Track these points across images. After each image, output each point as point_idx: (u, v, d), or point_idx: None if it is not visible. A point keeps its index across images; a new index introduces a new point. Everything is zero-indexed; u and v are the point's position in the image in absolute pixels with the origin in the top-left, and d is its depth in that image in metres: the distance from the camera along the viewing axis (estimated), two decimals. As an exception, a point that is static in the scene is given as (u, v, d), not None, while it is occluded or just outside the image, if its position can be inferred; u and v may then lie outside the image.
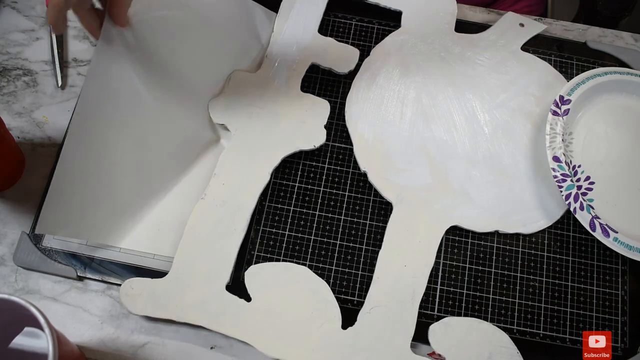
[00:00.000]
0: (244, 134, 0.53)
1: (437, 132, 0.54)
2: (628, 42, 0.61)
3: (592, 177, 0.53)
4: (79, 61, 0.58)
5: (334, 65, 0.57)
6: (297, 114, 0.54)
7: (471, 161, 0.53)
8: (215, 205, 0.50)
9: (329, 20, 0.60)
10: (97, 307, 0.49)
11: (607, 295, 0.51)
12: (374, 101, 0.55)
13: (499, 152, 0.54)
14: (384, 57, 0.57)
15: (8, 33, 0.59)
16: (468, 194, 0.52)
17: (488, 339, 0.47)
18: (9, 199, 0.52)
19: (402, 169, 0.53)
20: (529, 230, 0.51)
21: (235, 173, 0.51)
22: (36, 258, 0.49)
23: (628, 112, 0.56)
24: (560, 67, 0.59)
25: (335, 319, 0.47)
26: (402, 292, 0.48)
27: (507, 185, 0.53)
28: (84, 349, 0.47)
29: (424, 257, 0.49)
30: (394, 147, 0.53)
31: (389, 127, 0.54)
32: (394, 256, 0.49)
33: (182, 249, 0.48)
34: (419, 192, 0.52)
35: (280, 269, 0.49)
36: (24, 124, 0.55)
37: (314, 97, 0.55)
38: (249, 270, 0.48)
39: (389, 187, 0.52)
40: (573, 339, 0.49)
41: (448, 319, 0.48)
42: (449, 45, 0.58)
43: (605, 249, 0.52)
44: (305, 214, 0.52)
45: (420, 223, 0.51)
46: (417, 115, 0.55)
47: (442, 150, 0.54)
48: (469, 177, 0.53)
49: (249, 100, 0.54)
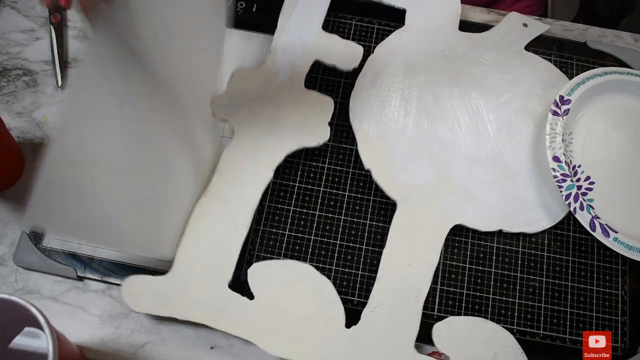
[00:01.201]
0: (246, 130, 0.52)
1: (441, 131, 0.54)
2: (628, 42, 0.61)
3: (592, 177, 0.53)
4: (79, 61, 0.58)
5: (338, 62, 0.56)
6: (301, 111, 0.53)
7: (475, 160, 0.53)
8: (217, 202, 0.50)
9: (329, 20, 0.60)
10: (97, 307, 0.49)
11: (607, 295, 0.51)
12: (378, 99, 0.55)
13: (503, 151, 0.54)
14: (388, 55, 0.57)
15: (8, 33, 0.59)
16: (472, 192, 0.52)
17: (493, 338, 0.47)
18: (9, 199, 0.52)
19: (405, 167, 0.53)
20: (533, 229, 0.51)
21: (238, 169, 0.51)
22: (36, 258, 0.49)
23: (628, 112, 0.56)
24: (561, 67, 0.59)
25: (339, 318, 0.47)
26: (406, 290, 0.48)
27: (511, 184, 0.53)
28: (84, 349, 0.47)
29: (428, 256, 0.49)
30: (398, 145, 0.53)
31: (393, 125, 0.54)
32: (398, 255, 0.49)
33: (184, 247, 0.48)
34: (423, 190, 0.52)
35: (283, 266, 0.48)
36: (24, 124, 0.55)
37: (318, 93, 0.54)
38: (252, 268, 0.48)
39: (393, 185, 0.52)
40: (573, 339, 0.49)
41: (452, 318, 0.48)
42: (453, 44, 0.58)
43: (605, 249, 0.52)
44: (306, 214, 0.52)
45: (425, 222, 0.50)
46: (421, 114, 0.55)
47: (445, 148, 0.54)
48: (473, 176, 0.53)
49: (252, 96, 0.54)
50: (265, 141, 0.52)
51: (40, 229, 0.49)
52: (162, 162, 0.50)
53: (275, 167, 0.51)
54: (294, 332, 0.46)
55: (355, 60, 0.56)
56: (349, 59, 0.56)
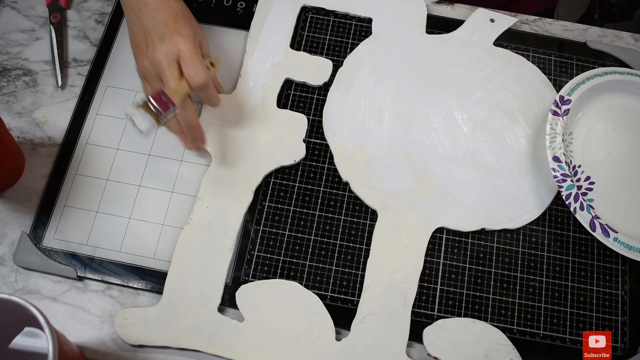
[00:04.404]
0: (223, 155, 0.52)
1: (416, 136, 0.54)
2: (628, 42, 0.61)
3: (592, 177, 0.53)
4: (79, 61, 0.58)
5: (307, 79, 0.56)
6: (275, 131, 0.54)
7: (452, 161, 0.53)
8: (201, 229, 0.50)
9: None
10: (97, 307, 0.49)
11: (607, 295, 0.51)
12: (351, 111, 0.55)
13: (480, 149, 0.54)
14: (357, 66, 0.57)
15: (8, 33, 0.59)
16: (451, 194, 0.52)
17: (483, 337, 0.47)
18: (9, 199, 0.52)
19: (384, 175, 0.53)
20: (516, 225, 0.52)
21: (219, 195, 0.51)
22: (36, 258, 0.49)
23: (628, 112, 0.56)
24: (560, 67, 0.59)
25: (329, 331, 0.47)
26: (394, 298, 0.48)
27: (490, 182, 0.53)
28: (84, 349, 0.47)
29: (412, 261, 0.49)
30: (374, 154, 0.53)
31: (368, 135, 0.54)
32: (382, 263, 0.49)
33: (171, 275, 0.48)
34: (402, 196, 0.52)
35: (270, 286, 0.48)
36: (24, 124, 0.55)
37: (290, 112, 0.55)
38: (240, 291, 0.48)
39: (372, 194, 0.52)
40: (573, 339, 0.49)
41: (442, 321, 0.48)
42: (422, 47, 0.58)
43: (605, 249, 0.52)
44: (305, 214, 0.52)
45: (406, 228, 0.51)
46: (395, 121, 0.55)
47: (422, 153, 0.54)
48: (451, 177, 0.53)
49: (227, 121, 0.54)
50: (242, 164, 0.52)
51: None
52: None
53: (254, 188, 0.51)
54: (286, 351, 0.46)
55: (325, 75, 0.57)
56: (319, 74, 0.57)
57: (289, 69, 0.57)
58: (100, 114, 0.55)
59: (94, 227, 0.51)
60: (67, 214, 0.51)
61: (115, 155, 0.54)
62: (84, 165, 0.53)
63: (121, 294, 0.49)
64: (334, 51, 0.58)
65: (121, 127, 0.55)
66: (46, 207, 0.51)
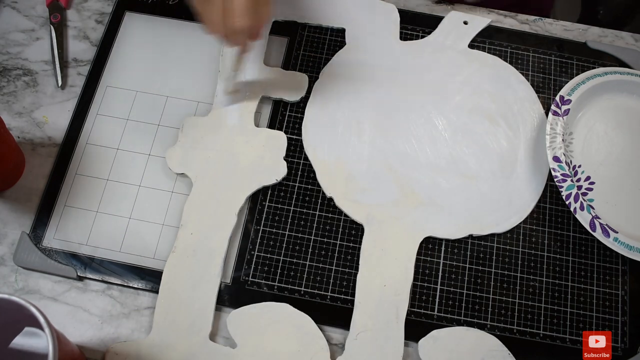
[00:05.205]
0: (204, 179, 0.51)
1: (398, 145, 0.54)
2: (628, 42, 0.61)
3: (592, 177, 0.53)
4: (79, 61, 0.58)
5: (284, 95, 0.55)
6: (255, 151, 0.53)
7: (435, 169, 0.53)
8: (186, 257, 0.49)
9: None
10: (97, 307, 0.49)
11: (607, 295, 0.51)
12: (330, 125, 0.54)
13: (461, 155, 0.54)
14: (333, 79, 0.56)
15: (8, 33, 0.59)
16: (437, 202, 0.52)
17: (478, 345, 0.47)
18: (9, 199, 0.52)
19: (368, 188, 0.52)
20: (503, 229, 0.51)
21: (202, 221, 0.50)
22: (36, 258, 0.49)
23: (628, 112, 0.56)
24: (560, 67, 0.59)
25: (323, 351, 0.46)
26: (386, 312, 0.48)
27: (475, 187, 0.53)
28: (84, 349, 0.47)
29: (402, 274, 0.49)
30: (357, 168, 0.53)
31: (349, 149, 0.53)
32: (372, 278, 0.49)
33: (160, 306, 0.47)
34: (388, 209, 0.51)
35: (260, 309, 0.48)
36: (24, 124, 0.55)
37: (268, 130, 0.54)
38: (230, 317, 0.47)
39: (357, 208, 0.51)
40: (573, 339, 0.49)
41: (436, 332, 0.47)
42: (397, 55, 0.58)
43: (605, 249, 0.52)
44: (306, 214, 0.52)
45: (394, 240, 0.50)
46: (375, 132, 0.54)
47: (404, 162, 0.53)
48: (436, 185, 0.52)
49: (205, 144, 0.53)
50: (224, 187, 0.51)
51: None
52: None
53: (237, 211, 0.51)
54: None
55: (302, 90, 0.56)
56: (296, 90, 0.56)
57: (264, 86, 0.55)
58: (101, 114, 0.55)
59: (94, 227, 0.51)
60: (67, 214, 0.51)
61: (115, 155, 0.54)
62: (84, 165, 0.53)
63: (121, 294, 0.49)
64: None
65: (121, 127, 0.55)
66: (46, 207, 0.51)
